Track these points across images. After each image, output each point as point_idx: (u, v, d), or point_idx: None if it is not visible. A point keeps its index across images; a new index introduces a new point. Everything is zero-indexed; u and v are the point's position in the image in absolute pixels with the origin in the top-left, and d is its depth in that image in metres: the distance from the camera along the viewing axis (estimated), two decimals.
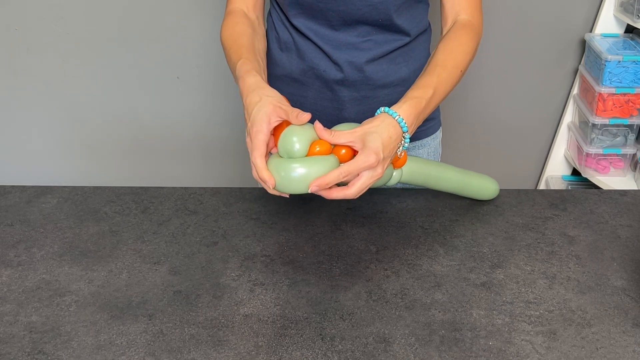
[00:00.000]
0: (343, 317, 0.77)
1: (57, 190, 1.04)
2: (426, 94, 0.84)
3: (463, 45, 0.93)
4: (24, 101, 1.81)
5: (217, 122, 1.87)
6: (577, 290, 0.82)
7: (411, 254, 0.89)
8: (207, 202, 1.01)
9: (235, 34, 0.93)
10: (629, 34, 1.67)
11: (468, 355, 0.72)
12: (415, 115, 0.82)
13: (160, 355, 0.71)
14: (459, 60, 0.91)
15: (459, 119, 1.87)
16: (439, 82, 0.86)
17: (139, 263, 0.87)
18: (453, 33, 0.94)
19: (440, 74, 0.87)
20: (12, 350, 0.72)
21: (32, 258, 0.88)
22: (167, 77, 1.77)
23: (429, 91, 0.85)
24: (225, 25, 0.96)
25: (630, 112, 1.64)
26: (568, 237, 0.93)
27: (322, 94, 1.02)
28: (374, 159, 0.75)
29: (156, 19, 1.67)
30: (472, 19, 0.96)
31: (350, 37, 0.96)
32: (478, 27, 0.97)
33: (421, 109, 0.83)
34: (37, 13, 1.65)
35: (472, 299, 0.80)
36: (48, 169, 1.94)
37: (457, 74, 0.90)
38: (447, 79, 0.88)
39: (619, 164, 1.75)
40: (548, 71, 1.78)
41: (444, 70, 0.88)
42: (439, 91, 0.87)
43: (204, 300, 0.80)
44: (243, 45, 0.90)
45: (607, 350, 0.73)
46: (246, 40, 0.91)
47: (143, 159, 1.94)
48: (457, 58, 0.91)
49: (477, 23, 0.97)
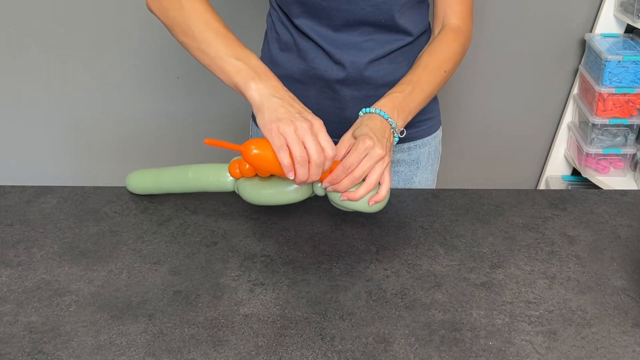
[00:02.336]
0: (343, 317, 0.77)
1: (57, 190, 1.04)
2: (404, 89, 0.89)
3: (449, 47, 0.96)
4: (24, 101, 1.81)
5: (217, 122, 1.87)
6: (577, 290, 0.82)
7: (411, 254, 0.89)
8: (207, 202, 1.01)
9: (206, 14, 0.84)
10: (629, 34, 1.67)
11: (468, 355, 0.72)
12: (392, 106, 0.86)
13: (160, 355, 0.71)
14: (443, 60, 0.94)
15: (459, 118, 1.87)
16: (418, 79, 0.90)
17: (139, 263, 0.87)
18: (440, 36, 0.98)
19: (421, 73, 0.91)
20: (12, 350, 0.72)
21: (32, 258, 0.88)
22: (167, 77, 1.77)
23: (407, 87, 0.89)
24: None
25: (630, 112, 1.64)
26: (568, 237, 0.93)
27: (324, 94, 1.02)
28: (369, 141, 0.78)
29: (156, 19, 1.67)
30: (461, 24, 0.99)
31: (352, 37, 0.96)
32: (467, 32, 1.00)
33: (399, 102, 0.87)
34: (37, 13, 1.65)
35: (472, 299, 0.80)
36: (48, 169, 1.94)
37: (441, 74, 0.93)
38: (428, 78, 0.91)
39: (619, 164, 1.75)
40: (548, 71, 1.78)
41: (424, 69, 0.92)
42: (420, 88, 0.90)
43: (204, 300, 0.80)
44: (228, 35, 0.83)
45: (607, 350, 0.73)
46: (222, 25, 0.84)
47: (143, 159, 1.94)
48: (440, 59, 0.94)
49: (467, 28, 1.00)
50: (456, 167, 1.98)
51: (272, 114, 0.75)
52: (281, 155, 0.75)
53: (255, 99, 0.78)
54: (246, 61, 0.80)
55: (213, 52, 0.81)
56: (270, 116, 0.75)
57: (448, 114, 1.80)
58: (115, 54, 1.72)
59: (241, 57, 0.80)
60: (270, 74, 0.80)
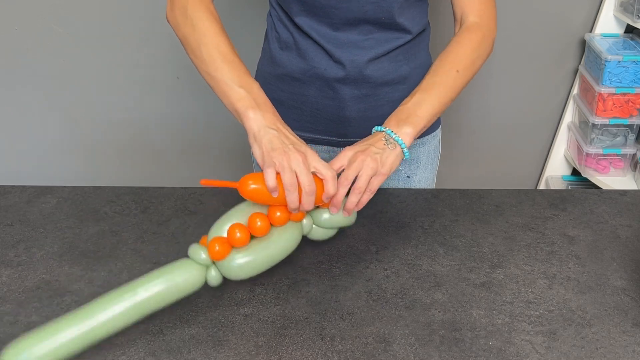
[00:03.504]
0: (343, 317, 0.77)
1: (57, 190, 1.04)
2: (410, 99, 0.89)
3: (462, 47, 0.94)
4: (24, 101, 1.81)
5: (217, 122, 1.87)
6: (577, 290, 0.82)
7: (411, 254, 0.89)
8: (207, 202, 1.01)
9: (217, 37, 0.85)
10: (629, 34, 1.67)
11: (468, 355, 0.72)
12: (396, 121, 0.86)
13: (160, 355, 0.71)
14: (452, 61, 0.93)
15: (459, 118, 1.87)
16: (427, 86, 0.90)
17: (139, 263, 0.87)
18: (455, 37, 0.96)
19: (429, 79, 0.91)
20: None
21: (32, 258, 0.88)
22: (167, 77, 1.77)
23: (412, 98, 0.89)
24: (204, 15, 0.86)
25: (630, 112, 1.64)
26: (568, 237, 0.93)
27: (323, 93, 1.02)
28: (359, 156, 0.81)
29: (156, 19, 1.67)
30: (480, 20, 0.97)
31: (352, 35, 0.96)
32: (486, 27, 0.97)
33: (405, 112, 0.87)
34: (37, 13, 1.65)
35: (472, 299, 0.80)
36: (48, 169, 1.94)
37: (453, 74, 0.92)
38: (438, 83, 0.90)
39: (619, 164, 1.75)
40: (548, 71, 1.78)
41: (434, 74, 0.91)
42: (428, 95, 0.89)
43: (204, 300, 0.80)
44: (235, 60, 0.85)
45: (607, 350, 0.73)
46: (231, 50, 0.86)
47: (143, 159, 1.94)
48: (450, 59, 0.93)
49: (486, 23, 0.97)
50: (456, 167, 1.98)
51: (267, 145, 0.78)
52: (267, 172, 0.76)
53: (252, 128, 0.80)
54: (249, 90, 0.82)
55: (219, 76, 0.84)
56: (265, 147, 0.78)
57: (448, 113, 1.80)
58: (116, 54, 1.73)
59: (245, 85, 0.83)
60: (269, 106, 0.82)
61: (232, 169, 1.97)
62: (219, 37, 0.86)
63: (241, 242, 0.77)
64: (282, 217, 0.80)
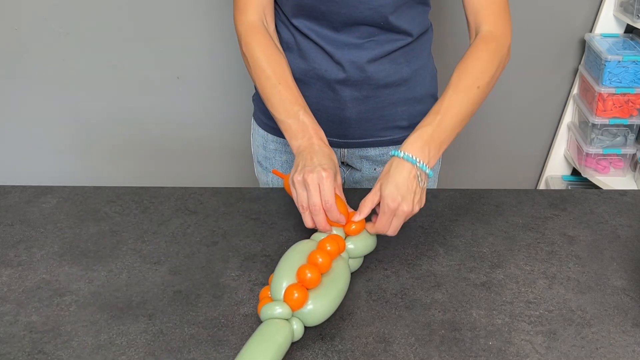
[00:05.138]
0: (343, 317, 0.77)
1: (57, 190, 1.04)
2: (433, 120, 0.86)
3: (479, 60, 0.91)
4: (23, 101, 1.81)
5: (217, 122, 1.87)
6: (577, 290, 0.82)
7: (411, 254, 0.89)
8: (207, 202, 1.01)
9: (276, 63, 0.94)
10: (628, 34, 1.67)
11: (468, 355, 0.72)
12: (421, 144, 0.84)
13: (160, 355, 0.71)
14: (473, 76, 0.89)
15: None
16: (448, 105, 0.87)
17: (139, 263, 0.87)
18: (470, 49, 0.93)
19: (451, 97, 0.87)
20: (12, 350, 0.72)
21: (32, 258, 0.88)
22: (167, 77, 1.77)
23: (436, 117, 0.86)
24: (255, 41, 0.96)
25: (630, 112, 1.64)
26: (568, 237, 0.93)
27: (324, 94, 1.02)
28: (392, 203, 0.81)
29: (156, 19, 1.67)
30: (494, 29, 0.94)
31: (352, 37, 0.96)
32: (500, 36, 0.94)
33: (428, 137, 0.84)
34: (37, 13, 1.65)
35: (472, 298, 0.80)
36: (48, 169, 1.94)
37: (473, 91, 0.89)
38: (458, 100, 0.87)
39: (618, 164, 1.75)
40: (548, 71, 1.78)
41: (454, 92, 0.88)
42: (451, 114, 0.86)
43: (204, 300, 0.80)
44: (292, 86, 0.93)
45: (607, 350, 0.73)
46: (289, 76, 0.95)
47: (143, 159, 1.94)
48: (470, 75, 0.89)
49: (501, 32, 0.94)
50: (456, 167, 1.98)
51: (297, 166, 0.85)
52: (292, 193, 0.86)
53: (295, 152, 0.89)
54: (297, 117, 0.90)
55: (269, 106, 0.93)
56: (295, 167, 0.85)
57: None
58: (115, 54, 1.73)
59: (292, 113, 0.90)
60: (311, 132, 0.88)
61: (232, 169, 1.97)
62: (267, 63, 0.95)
63: (313, 282, 0.73)
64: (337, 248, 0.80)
